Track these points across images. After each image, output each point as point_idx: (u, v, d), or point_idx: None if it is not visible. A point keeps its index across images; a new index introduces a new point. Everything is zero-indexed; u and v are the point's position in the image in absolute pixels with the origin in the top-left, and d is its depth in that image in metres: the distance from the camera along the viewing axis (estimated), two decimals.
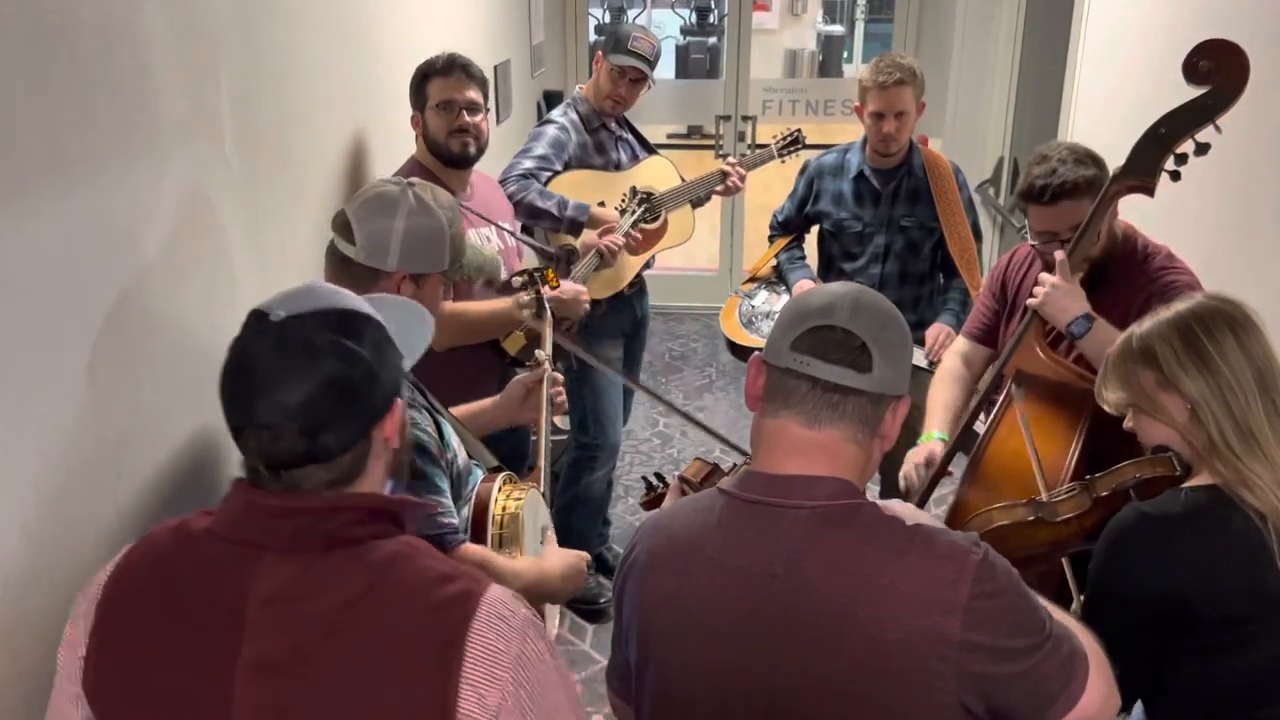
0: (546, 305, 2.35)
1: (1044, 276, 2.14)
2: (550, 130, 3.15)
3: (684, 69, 12.10)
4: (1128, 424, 1.70)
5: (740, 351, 3.36)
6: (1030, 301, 2.14)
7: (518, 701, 1.04)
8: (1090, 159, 2.18)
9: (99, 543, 1.51)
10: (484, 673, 1.03)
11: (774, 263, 3.40)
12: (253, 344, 1.07)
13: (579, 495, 3.45)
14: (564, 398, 2.26)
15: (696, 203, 3.40)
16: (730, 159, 3.43)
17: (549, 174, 3.06)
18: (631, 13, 13.92)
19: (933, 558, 1.18)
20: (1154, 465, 1.73)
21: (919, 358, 3.00)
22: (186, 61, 1.76)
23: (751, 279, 3.49)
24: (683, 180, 3.35)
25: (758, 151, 3.65)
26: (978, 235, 3.16)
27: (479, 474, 1.91)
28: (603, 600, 3.49)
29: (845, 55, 14.73)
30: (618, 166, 3.26)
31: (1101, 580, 1.61)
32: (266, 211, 2.09)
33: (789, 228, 3.38)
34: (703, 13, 13.38)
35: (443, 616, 1.04)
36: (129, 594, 1.10)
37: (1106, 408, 1.72)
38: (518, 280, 2.37)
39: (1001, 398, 2.25)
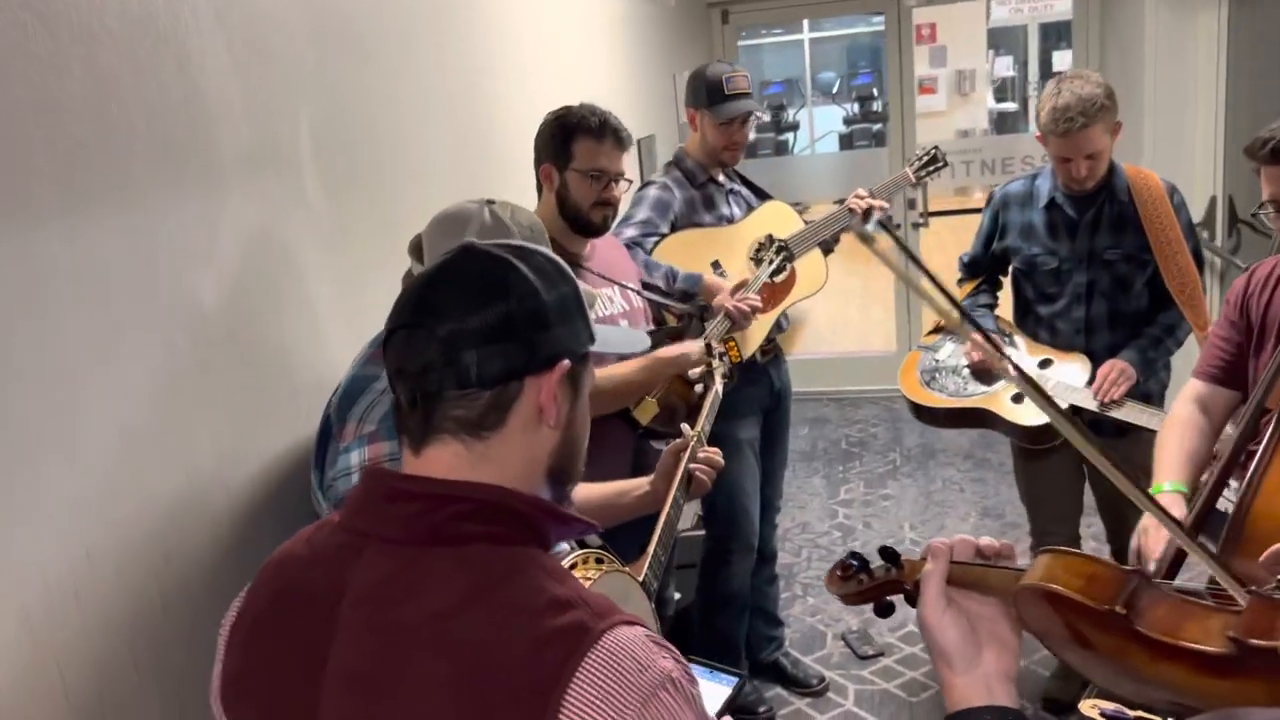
0: (719, 378, 2.14)
1: None
2: (652, 191, 2.85)
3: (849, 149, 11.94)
4: None
5: (921, 412, 2.89)
6: None
7: None
8: None
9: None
10: None
11: None
12: (447, 260, 0.99)
13: (718, 593, 3.05)
14: (708, 477, 1.90)
15: (826, 247, 2.99)
16: (860, 190, 3.02)
17: (655, 239, 2.76)
18: (790, 110, 13.85)
19: None
20: None
21: (1088, 400, 2.52)
22: (251, 88, 1.57)
23: (935, 329, 3.03)
24: (806, 224, 2.97)
25: (891, 178, 3.23)
26: (1200, 264, 2.63)
27: (563, 546, 1.57)
28: (761, 709, 3.09)
29: (1023, 129, 14.16)
30: (729, 220, 2.92)
31: None
32: (359, 265, 1.87)
33: (977, 269, 2.92)
34: (865, 101, 13.22)
35: (545, 654, 0.84)
36: (254, 602, 1.00)
37: None
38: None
39: (1265, 441, 1.75)
